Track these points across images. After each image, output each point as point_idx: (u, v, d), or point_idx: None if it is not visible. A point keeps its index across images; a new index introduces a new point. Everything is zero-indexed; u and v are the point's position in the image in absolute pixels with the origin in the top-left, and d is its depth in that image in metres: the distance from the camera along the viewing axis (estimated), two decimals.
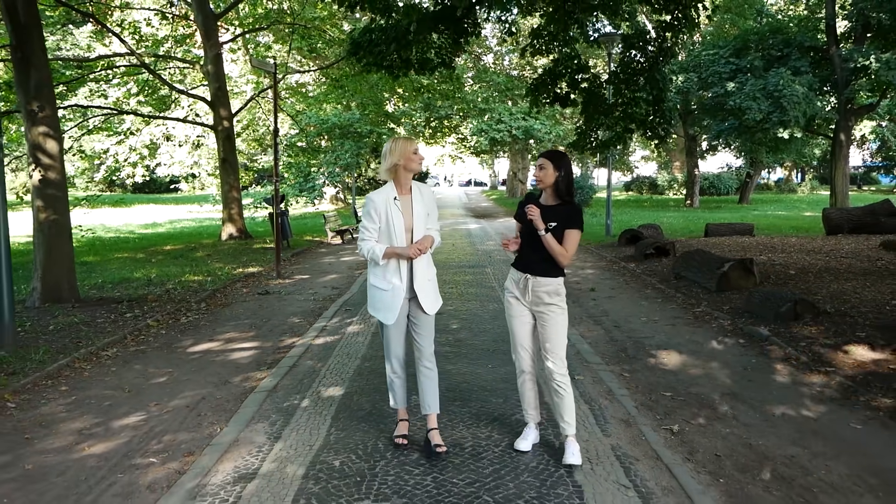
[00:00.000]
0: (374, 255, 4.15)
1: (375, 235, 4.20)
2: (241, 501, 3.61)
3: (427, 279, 4.28)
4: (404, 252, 4.12)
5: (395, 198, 4.19)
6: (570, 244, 4.08)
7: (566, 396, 4.12)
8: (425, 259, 4.27)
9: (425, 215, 4.25)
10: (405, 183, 4.23)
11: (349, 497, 3.64)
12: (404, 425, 4.44)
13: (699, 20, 12.08)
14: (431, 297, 4.31)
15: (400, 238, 4.16)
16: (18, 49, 8.69)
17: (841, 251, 13.10)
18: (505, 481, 3.84)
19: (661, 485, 3.82)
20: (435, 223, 4.36)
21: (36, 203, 9.10)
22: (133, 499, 3.72)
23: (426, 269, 4.29)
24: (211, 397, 5.46)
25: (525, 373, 4.29)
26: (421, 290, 4.23)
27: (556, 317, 4.12)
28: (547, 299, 4.11)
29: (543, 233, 4.04)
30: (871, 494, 3.72)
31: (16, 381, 5.71)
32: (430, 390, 4.31)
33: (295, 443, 4.41)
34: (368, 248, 4.17)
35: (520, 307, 4.22)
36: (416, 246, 4.13)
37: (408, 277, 4.22)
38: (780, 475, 3.97)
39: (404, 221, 4.18)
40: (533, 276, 4.13)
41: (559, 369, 4.12)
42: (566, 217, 4.09)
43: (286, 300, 9.85)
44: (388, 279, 4.20)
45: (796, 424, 4.75)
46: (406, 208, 4.22)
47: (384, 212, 4.16)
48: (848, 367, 5.92)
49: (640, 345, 7.04)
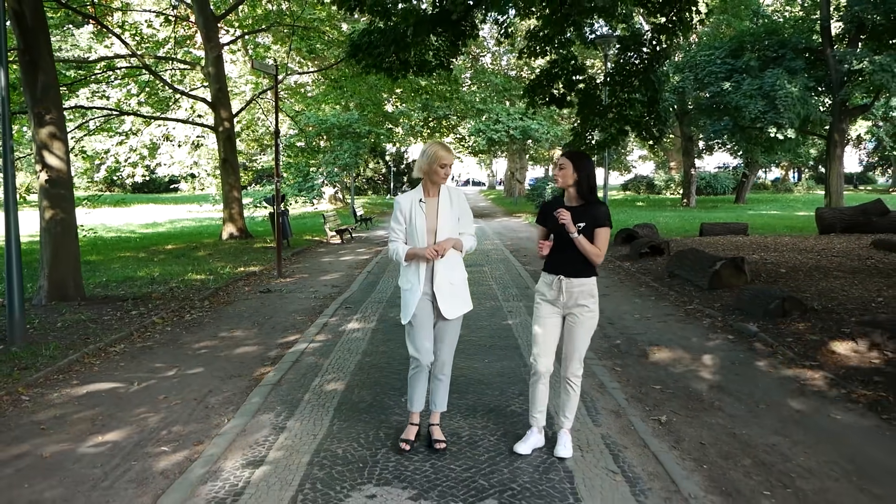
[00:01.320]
0: (398, 256, 4.22)
1: (402, 237, 4.25)
2: (249, 486, 3.82)
3: (449, 282, 4.23)
4: (422, 253, 4.12)
5: (421, 199, 4.22)
6: (602, 242, 4.09)
7: (574, 396, 4.23)
8: (449, 261, 4.23)
9: (454, 218, 4.23)
10: (431, 186, 4.24)
11: (352, 482, 3.85)
12: (412, 430, 4.39)
13: (694, 23, 12.30)
14: (450, 301, 4.23)
15: (422, 239, 4.17)
16: (26, 52, 8.89)
17: (832, 250, 13.32)
18: (500, 467, 4.05)
19: (647, 470, 4.03)
20: (469, 227, 4.34)
21: (43, 203, 9.29)
22: (147, 484, 3.93)
23: (448, 271, 4.24)
24: (217, 391, 5.67)
25: (541, 376, 4.24)
26: (440, 291, 4.19)
27: (588, 318, 4.14)
28: (581, 300, 4.12)
29: (575, 235, 4.03)
30: (846, 479, 3.93)
31: (28, 376, 5.91)
32: (440, 392, 4.38)
33: (299, 432, 4.62)
34: (394, 249, 4.24)
35: (551, 310, 4.20)
36: (433, 247, 4.11)
37: (428, 278, 4.22)
38: (760, 461, 4.18)
39: (427, 223, 4.18)
40: (567, 278, 4.11)
41: (577, 371, 4.20)
42: (594, 216, 4.08)
43: (287, 298, 10.05)
44: (409, 279, 4.25)
45: (779, 415, 4.97)
46: (431, 210, 4.21)
47: (409, 213, 4.21)
48: (832, 361, 6.13)
49: (633, 341, 7.25)
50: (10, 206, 7.07)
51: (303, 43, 22.93)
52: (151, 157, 30.18)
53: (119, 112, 20.62)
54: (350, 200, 32.59)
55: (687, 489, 3.77)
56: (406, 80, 20.10)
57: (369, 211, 30.54)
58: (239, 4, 19.54)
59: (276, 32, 23.07)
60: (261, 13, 22.02)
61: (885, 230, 16.25)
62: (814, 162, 50.71)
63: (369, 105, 28.96)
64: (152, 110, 22.92)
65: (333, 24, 23.72)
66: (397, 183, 53.56)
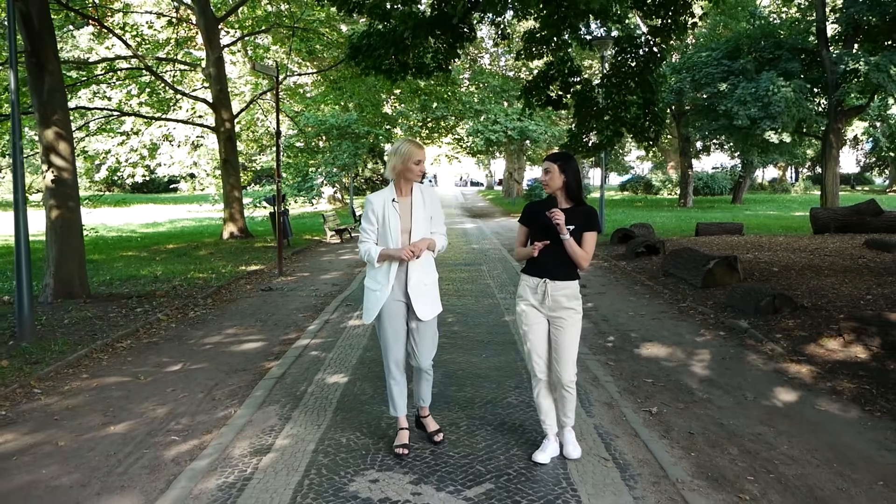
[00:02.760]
0: (370, 257, 4.12)
1: (374, 237, 4.17)
2: (258, 471, 4.01)
3: (423, 283, 4.17)
4: (397, 254, 4.04)
5: (394, 199, 4.14)
6: (590, 246, 4.06)
7: (571, 398, 4.17)
8: (422, 262, 4.17)
9: (427, 218, 4.17)
10: (404, 186, 4.18)
11: (356, 467, 4.04)
12: (405, 434, 4.32)
13: (690, 24, 12.49)
14: (426, 302, 4.18)
15: (396, 240, 4.10)
16: (33, 55, 9.07)
17: (825, 249, 13.52)
18: (496, 454, 4.23)
19: (637, 458, 4.22)
20: (440, 226, 4.26)
21: (49, 202, 9.46)
22: (160, 471, 4.11)
23: (422, 272, 4.18)
24: (223, 384, 5.85)
25: (541, 381, 4.21)
26: (414, 293, 4.13)
27: (572, 322, 4.09)
28: (566, 303, 4.07)
29: (566, 237, 3.98)
30: (826, 465, 4.13)
31: (39, 370, 6.09)
32: (425, 388, 4.37)
33: (304, 423, 4.80)
34: (365, 250, 4.16)
35: (536, 314, 4.14)
36: (409, 248, 4.03)
37: (403, 280, 4.15)
38: (746, 450, 4.37)
39: (401, 224, 4.11)
40: (552, 281, 4.06)
41: (571, 375, 4.11)
42: (583, 220, 4.05)
43: (289, 296, 10.23)
44: (379, 280, 4.16)
45: (765, 407, 5.16)
46: (405, 210, 4.15)
47: (381, 213, 4.12)
48: (819, 356, 6.33)
49: (626, 337, 7.44)
50: (20, 207, 7.24)
51: (302, 44, 23.11)
52: (151, 157, 30.33)
53: (120, 113, 20.79)
54: (349, 200, 32.76)
55: (674, 474, 3.96)
56: (405, 82, 20.32)
57: None
58: (240, 6, 19.72)
59: (275, 33, 23.25)
60: (260, 14, 22.21)
61: (879, 230, 16.46)
62: (811, 162, 51.01)
63: (368, 106, 29.13)
64: (153, 111, 23.07)
65: (332, 26, 23.89)
66: None
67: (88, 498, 3.76)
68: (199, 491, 3.77)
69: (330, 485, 3.82)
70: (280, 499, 3.65)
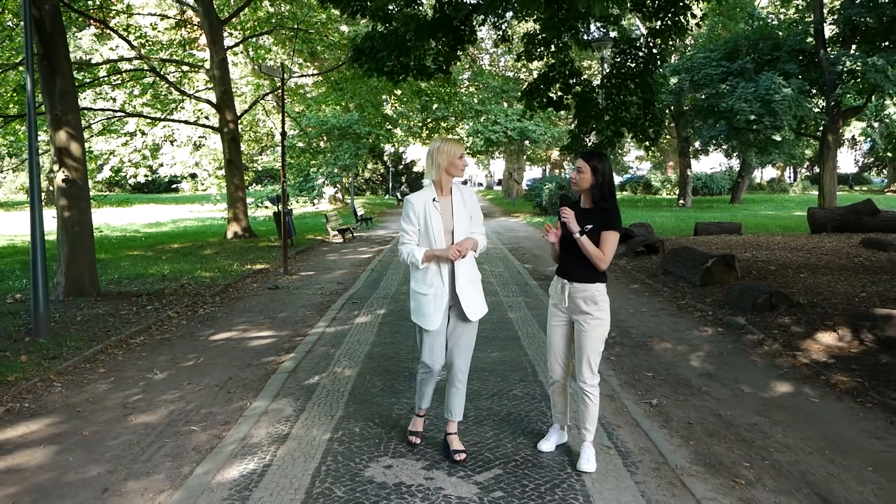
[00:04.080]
0: (414, 259, 4.00)
1: (415, 239, 4.06)
2: (277, 459, 4.20)
3: (471, 282, 4.09)
4: (444, 254, 3.95)
5: (434, 199, 4.05)
6: (608, 247, 3.93)
7: (592, 407, 4.06)
8: (467, 262, 4.08)
9: (467, 217, 4.09)
10: (446, 185, 4.10)
11: (370, 455, 4.24)
12: (420, 421, 4.38)
13: (689, 26, 12.70)
14: (475, 301, 4.11)
15: (439, 240, 4.00)
16: (45, 58, 9.26)
17: (822, 248, 13.73)
18: (504, 443, 4.43)
19: (638, 446, 4.42)
20: (479, 226, 4.19)
21: (60, 202, 9.65)
22: (182, 458, 4.30)
23: (468, 272, 4.09)
24: (237, 378, 6.04)
25: (556, 382, 4.19)
26: (463, 293, 4.04)
27: (591, 327, 3.99)
28: (583, 307, 3.99)
29: (578, 235, 3.93)
30: (819, 453, 4.32)
31: (58, 365, 6.28)
32: (456, 400, 4.22)
33: (318, 413, 5.00)
34: (408, 252, 4.02)
35: (558, 315, 4.13)
36: (455, 247, 3.95)
37: (449, 281, 4.06)
38: (742, 438, 4.56)
39: (443, 223, 4.03)
40: (570, 282, 4.01)
41: (590, 380, 4.02)
42: (603, 219, 3.96)
43: (295, 294, 10.42)
44: (429, 282, 4.03)
45: (761, 399, 5.36)
46: (446, 210, 4.07)
47: (423, 214, 4.03)
48: (814, 351, 6.53)
49: (627, 333, 7.64)
50: (36, 207, 7.42)
51: (304, 45, 23.31)
52: (153, 157, 30.54)
53: (125, 114, 20.98)
54: (350, 200, 32.98)
55: (674, 461, 4.15)
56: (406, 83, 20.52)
57: (369, 211, 30.93)
58: (243, 8, 19.91)
59: (277, 35, 23.45)
60: (263, 15, 22.41)
61: (875, 229, 16.66)
62: (809, 162, 51.26)
63: (369, 106, 29.35)
64: (155, 111, 23.25)
65: (334, 27, 24.09)
66: (395, 183, 53.99)
67: (116, 483, 3.95)
68: (222, 477, 3.96)
69: (346, 470, 4.01)
70: (300, 483, 3.84)
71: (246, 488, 3.81)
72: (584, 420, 4.10)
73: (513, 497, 3.68)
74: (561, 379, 4.17)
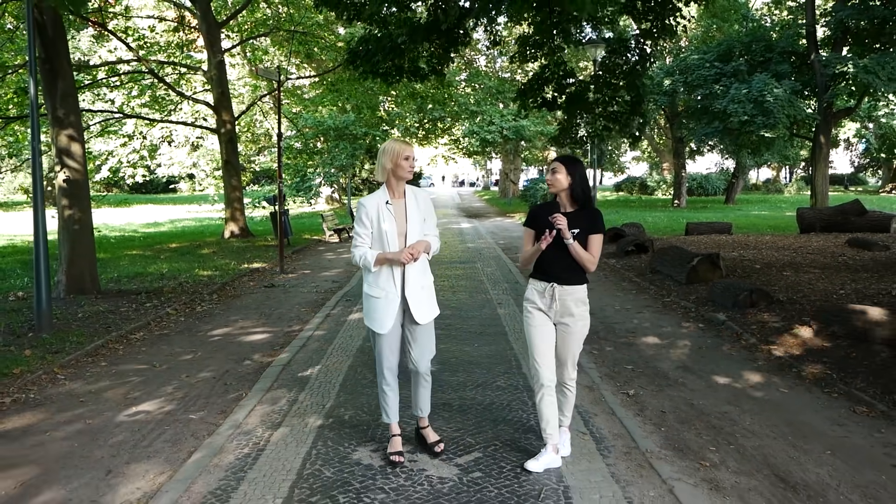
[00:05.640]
0: (366, 262, 4.03)
1: (368, 241, 4.08)
2: (270, 444, 4.46)
3: (420, 286, 4.11)
4: (396, 257, 3.97)
5: (388, 202, 4.06)
6: (596, 249, 4.03)
7: (570, 396, 4.23)
8: (419, 265, 4.11)
9: (421, 220, 4.11)
10: (398, 187, 4.13)
11: (359, 440, 4.50)
12: (398, 441, 4.27)
13: (678, 28, 12.95)
14: (424, 306, 4.13)
15: (392, 243, 4.02)
16: (47, 61, 9.49)
17: (808, 248, 13.99)
18: (485, 429, 4.69)
19: (612, 432, 4.68)
20: (433, 228, 4.21)
21: (61, 202, 9.88)
22: (181, 443, 4.55)
23: (420, 275, 4.13)
24: (233, 370, 6.29)
25: (544, 387, 4.07)
26: (413, 297, 4.07)
27: (580, 327, 4.09)
28: (573, 308, 4.06)
29: (571, 241, 3.96)
30: (782, 438, 4.58)
31: (61, 358, 6.53)
32: (423, 396, 4.26)
33: (311, 403, 5.26)
34: (360, 255, 4.06)
35: (543, 319, 4.11)
36: (408, 250, 3.97)
37: (402, 284, 4.08)
38: (711, 425, 4.83)
39: (397, 226, 4.05)
40: (560, 285, 4.04)
41: (573, 374, 4.19)
42: (589, 222, 4.03)
43: (291, 292, 10.67)
44: (380, 286, 4.07)
45: (734, 389, 5.62)
46: (399, 213, 4.08)
47: (376, 217, 4.05)
48: (788, 345, 6.79)
49: (611, 329, 7.90)
50: (39, 207, 7.66)
51: (301, 47, 23.55)
52: (151, 157, 30.75)
53: (124, 115, 21.21)
54: (346, 201, 33.22)
55: (645, 446, 4.41)
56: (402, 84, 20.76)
57: None
58: (240, 11, 20.15)
59: (274, 37, 23.68)
60: (259, 17, 22.65)
61: (863, 229, 16.93)
62: (804, 163, 51.57)
63: (365, 108, 29.58)
64: (152, 111, 23.46)
65: (331, 30, 24.33)
66: None
67: (119, 465, 4.20)
68: (219, 459, 4.22)
69: (335, 454, 4.27)
70: (291, 465, 4.10)
71: (241, 470, 4.06)
72: (562, 408, 4.21)
73: (490, 477, 3.94)
74: (549, 383, 4.07)
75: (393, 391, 4.23)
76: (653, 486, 3.88)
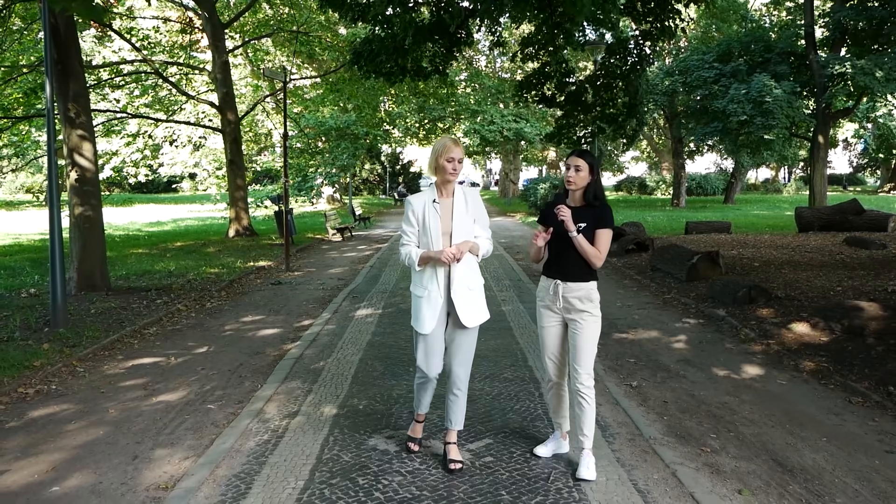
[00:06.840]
0: (411, 260, 3.95)
1: (414, 240, 4.00)
2: (288, 431, 4.64)
3: (467, 287, 3.98)
4: (437, 256, 3.85)
5: (435, 200, 3.97)
6: (603, 244, 3.92)
7: (588, 409, 3.99)
8: (465, 265, 3.98)
9: (469, 220, 3.99)
10: (446, 186, 4.01)
11: (373, 427, 4.69)
12: (419, 428, 4.31)
13: (677, 29, 13.14)
14: (470, 308, 3.99)
15: (437, 242, 3.91)
16: (59, 62, 9.67)
17: (806, 246, 14.19)
18: (494, 418, 4.88)
19: (617, 420, 4.86)
20: (484, 230, 4.09)
21: (73, 200, 10.07)
22: (202, 431, 4.73)
23: (466, 276, 3.99)
24: (247, 364, 6.48)
25: (553, 382, 4.13)
26: (458, 298, 3.94)
27: (587, 325, 3.97)
28: (579, 305, 3.96)
29: (575, 234, 3.88)
30: (780, 426, 4.77)
31: (78, 352, 6.71)
32: (456, 409, 4.11)
33: (325, 393, 5.44)
34: (406, 253, 3.98)
35: (550, 316, 4.08)
36: (449, 250, 3.84)
37: (445, 284, 3.98)
38: (712, 414, 5.01)
39: (441, 225, 3.94)
40: (563, 282, 3.97)
41: (586, 381, 3.97)
42: (596, 217, 3.94)
43: (298, 289, 10.86)
44: (423, 285, 3.97)
45: (733, 381, 5.81)
46: (445, 212, 3.97)
47: (422, 215, 3.96)
48: (786, 340, 6.98)
49: (614, 325, 8.08)
50: (54, 206, 7.83)
51: (303, 47, 23.73)
52: (154, 157, 30.90)
53: (128, 115, 21.39)
54: (348, 200, 33.43)
55: (648, 433, 4.60)
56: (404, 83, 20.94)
57: (367, 211, 31.37)
58: (245, 12, 20.33)
59: (276, 37, 23.86)
60: (262, 17, 22.83)
61: (861, 228, 17.12)
62: (803, 163, 51.78)
63: (366, 107, 29.77)
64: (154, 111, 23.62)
65: (334, 31, 24.52)
66: (392, 183, 54.43)
67: (144, 451, 4.39)
68: (240, 445, 4.40)
69: (352, 440, 4.46)
70: (310, 451, 4.29)
71: (262, 455, 4.25)
72: (581, 425, 4.01)
73: (501, 462, 4.13)
74: (557, 380, 4.11)
75: (426, 390, 4.17)
76: (656, 469, 4.06)
